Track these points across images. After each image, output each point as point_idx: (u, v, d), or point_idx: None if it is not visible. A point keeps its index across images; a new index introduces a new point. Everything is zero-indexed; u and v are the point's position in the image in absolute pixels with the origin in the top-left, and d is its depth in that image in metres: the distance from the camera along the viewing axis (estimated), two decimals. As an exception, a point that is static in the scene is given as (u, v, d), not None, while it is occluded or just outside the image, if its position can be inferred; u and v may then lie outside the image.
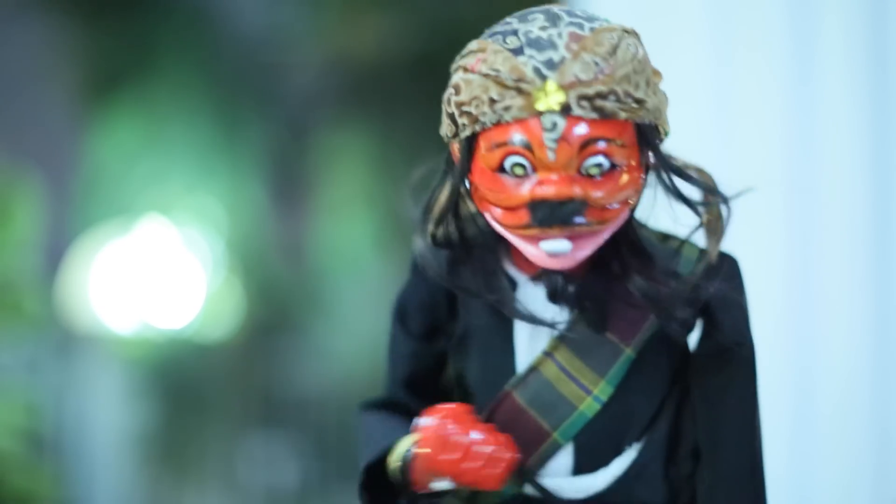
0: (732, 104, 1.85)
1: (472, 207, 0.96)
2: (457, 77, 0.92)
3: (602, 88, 0.87)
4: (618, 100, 0.88)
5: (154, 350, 3.35)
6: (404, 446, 0.96)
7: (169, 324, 3.35)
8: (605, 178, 0.89)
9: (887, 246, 1.80)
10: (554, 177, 0.88)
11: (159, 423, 3.38)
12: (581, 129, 0.87)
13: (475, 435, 0.91)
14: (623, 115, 0.88)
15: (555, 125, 0.87)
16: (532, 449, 0.96)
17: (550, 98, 0.87)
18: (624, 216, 0.92)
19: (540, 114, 0.87)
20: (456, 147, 0.94)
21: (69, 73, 3.36)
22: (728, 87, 1.85)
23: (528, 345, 0.98)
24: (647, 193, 0.95)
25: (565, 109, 0.87)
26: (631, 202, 0.92)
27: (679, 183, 0.95)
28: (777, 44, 1.82)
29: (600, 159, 0.88)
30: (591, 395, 0.96)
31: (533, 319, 0.95)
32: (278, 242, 3.50)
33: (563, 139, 0.87)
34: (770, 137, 1.83)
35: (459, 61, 0.93)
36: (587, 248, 0.91)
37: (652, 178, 0.94)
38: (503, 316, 0.98)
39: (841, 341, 1.80)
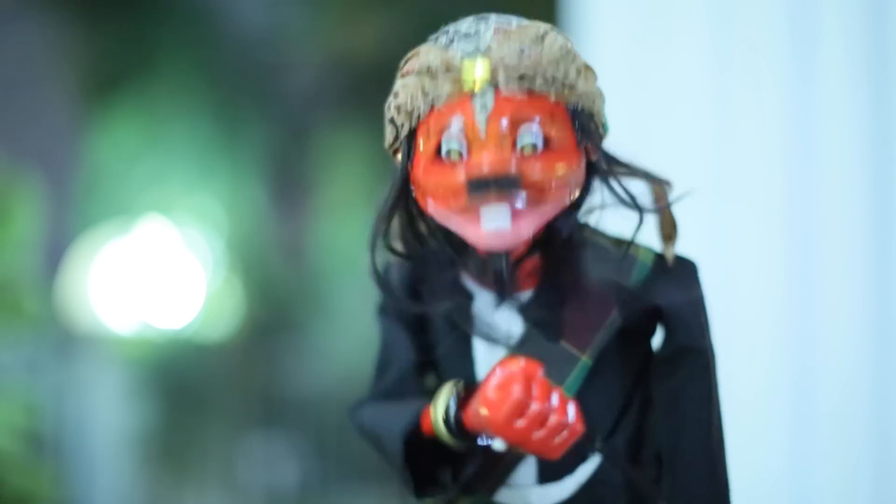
0: (732, 104, 1.85)
1: (419, 221, 0.97)
2: (396, 85, 0.94)
3: (529, 68, 0.90)
4: (545, 81, 0.90)
5: (154, 350, 3.35)
6: (442, 402, 0.94)
7: (169, 324, 3.35)
8: (541, 156, 0.90)
9: (887, 246, 1.80)
10: (487, 155, 0.89)
11: (159, 423, 3.38)
12: (510, 106, 0.90)
13: (551, 402, 0.88)
14: (552, 95, 0.90)
15: (484, 104, 0.90)
16: (496, 460, 0.96)
17: (477, 77, 0.90)
18: (563, 200, 0.92)
19: (470, 94, 0.90)
20: (398, 155, 0.95)
21: (69, 73, 3.36)
22: (728, 87, 1.85)
23: (487, 357, 0.98)
24: (596, 196, 0.95)
25: (493, 86, 0.90)
26: (570, 187, 0.92)
27: (625, 184, 0.95)
28: (777, 44, 1.82)
29: (533, 137, 0.90)
30: None
31: (488, 333, 0.96)
32: (278, 242, 3.50)
33: (493, 116, 0.89)
34: (770, 137, 1.83)
35: (399, 71, 0.95)
36: (526, 227, 0.91)
37: (598, 180, 0.95)
38: (462, 331, 0.98)
39: (841, 341, 1.80)
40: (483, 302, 0.97)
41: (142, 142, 3.38)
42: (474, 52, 0.91)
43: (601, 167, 0.95)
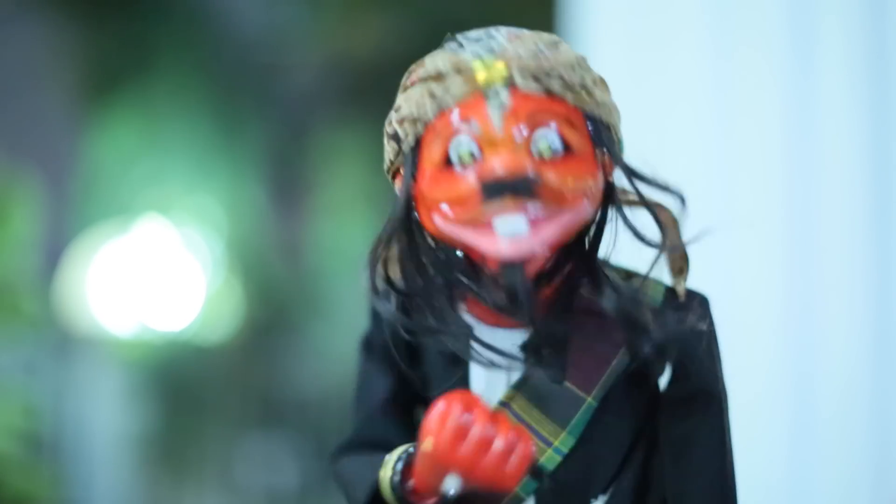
0: (732, 104, 1.85)
1: (424, 257, 0.90)
2: (398, 101, 0.89)
3: (545, 66, 0.84)
4: (563, 83, 0.85)
5: (153, 351, 3.34)
6: (394, 458, 0.89)
7: (168, 325, 3.34)
8: (558, 161, 0.84)
9: (888, 247, 1.80)
10: (502, 156, 0.83)
11: (158, 424, 3.38)
12: (528, 104, 0.84)
13: (492, 426, 0.82)
14: (570, 97, 0.85)
15: (501, 102, 0.84)
16: (493, 503, 0.89)
17: (492, 71, 0.84)
18: (581, 212, 0.85)
19: (485, 91, 0.84)
20: (400, 174, 0.88)
21: (68, 72, 3.36)
22: (727, 87, 1.85)
23: (484, 394, 0.90)
24: (609, 230, 0.89)
25: (508, 81, 0.84)
26: (588, 196, 0.85)
27: (637, 220, 0.89)
28: (776, 43, 1.82)
29: (550, 136, 0.84)
30: (551, 446, 0.90)
31: (488, 365, 0.88)
32: (277, 242, 3.50)
33: (509, 112, 0.84)
34: (770, 137, 1.82)
35: (400, 89, 0.89)
36: (544, 235, 0.83)
37: (612, 210, 0.89)
38: (458, 365, 0.92)
39: (841, 344, 1.79)
40: (483, 336, 0.90)
41: (141, 141, 3.38)
42: (488, 52, 0.85)
43: (617, 189, 0.89)
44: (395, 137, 0.88)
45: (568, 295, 0.90)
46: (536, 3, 2.50)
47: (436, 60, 0.87)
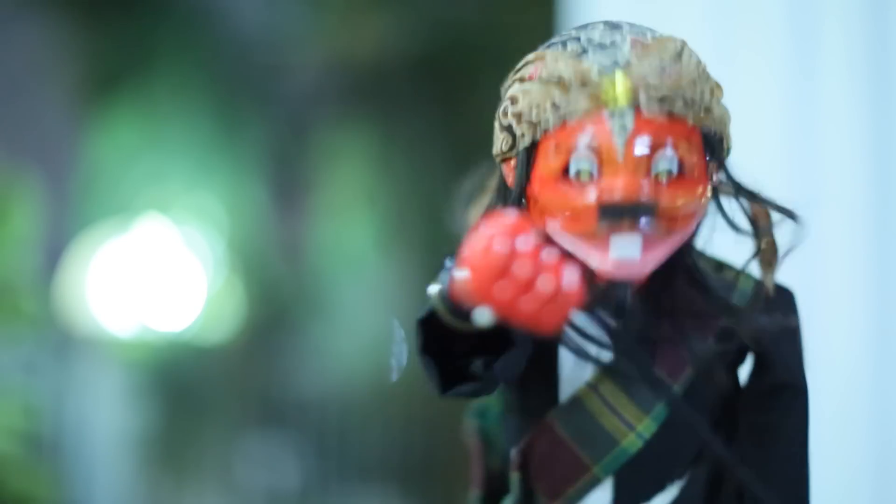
0: (732, 105, 1.85)
1: None
2: (513, 89, 0.88)
3: (670, 89, 0.84)
4: (685, 102, 0.85)
5: (153, 352, 3.34)
6: (444, 271, 0.83)
7: (168, 325, 3.34)
8: (674, 184, 0.85)
9: (888, 247, 1.80)
10: (623, 180, 0.84)
11: (158, 424, 3.38)
12: (650, 129, 0.84)
13: (537, 263, 0.73)
14: (691, 118, 0.85)
15: (623, 124, 0.84)
16: (570, 482, 0.92)
17: (620, 96, 0.84)
18: (690, 229, 0.88)
19: (608, 113, 0.84)
20: (512, 163, 0.89)
21: (68, 72, 3.36)
22: (728, 89, 1.85)
23: (572, 374, 0.93)
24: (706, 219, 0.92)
25: (634, 107, 0.84)
26: (697, 215, 0.88)
27: (734, 209, 0.92)
28: (777, 46, 1.82)
29: (670, 162, 0.85)
30: (634, 431, 0.92)
31: (579, 351, 0.91)
32: (278, 242, 3.49)
33: (632, 137, 0.84)
34: (770, 138, 1.82)
35: (515, 75, 0.89)
36: (653, 258, 0.86)
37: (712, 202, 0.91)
38: (548, 343, 0.92)
39: (842, 343, 1.79)
40: (575, 321, 0.91)
41: (141, 141, 3.38)
42: (613, 67, 0.85)
43: (724, 190, 0.91)
44: (510, 131, 0.88)
45: (662, 286, 0.91)
46: (537, 5, 2.50)
47: (559, 64, 0.86)
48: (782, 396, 0.94)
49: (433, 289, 0.83)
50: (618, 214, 0.83)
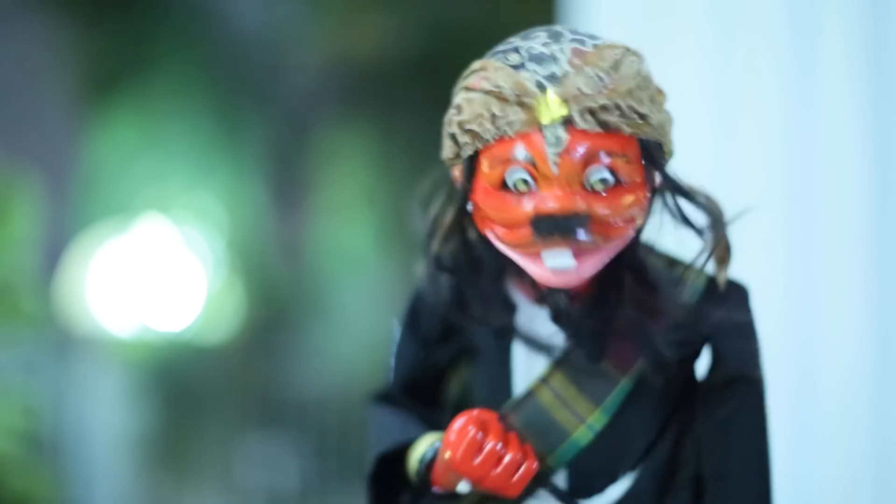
0: (733, 105, 1.85)
1: (472, 232, 0.95)
2: (459, 97, 0.91)
3: (605, 101, 0.86)
4: (621, 114, 0.87)
5: (153, 352, 3.34)
6: (425, 445, 0.97)
7: (168, 326, 3.34)
8: (610, 194, 0.87)
9: (888, 246, 1.80)
10: (557, 191, 0.86)
11: (158, 424, 3.38)
12: (584, 142, 0.86)
13: (503, 445, 0.92)
14: (627, 129, 0.87)
15: (557, 138, 0.86)
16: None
17: (553, 110, 0.86)
18: (629, 235, 0.90)
19: (542, 127, 0.86)
20: (457, 170, 0.92)
21: (68, 72, 3.35)
22: (728, 88, 1.85)
23: (526, 369, 0.98)
24: (654, 217, 0.93)
25: (568, 122, 0.86)
26: (636, 221, 0.90)
27: (685, 206, 0.94)
28: (777, 44, 1.82)
29: (604, 173, 0.87)
30: (584, 423, 0.95)
31: (531, 343, 0.95)
32: (278, 242, 3.49)
33: (565, 152, 0.86)
34: (770, 138, 1.82)
35: (462, 82, 0.92)
36: (591, 266, 0.89)
37: (658, 201, 0.93)
38: (504, 338, 0.98)
39: (842, 342, 1.79)
40: (528, 313, 0.97)
41: (141, 140, 3.37)
42: (549, 80, 0.87)
43: (663, 189, 0.93)
44: (454, 139, 0.91)
45: (611, 281, 0.94)
46: (536, 4, 2.50)
47: (499, 76, 0.88)
48: (736, 390, 0.96)
49: (415, 461, 0.98)
50: (551, 226, 0.86)
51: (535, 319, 0.96)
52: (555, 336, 0.95)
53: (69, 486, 3.14)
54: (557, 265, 0.88)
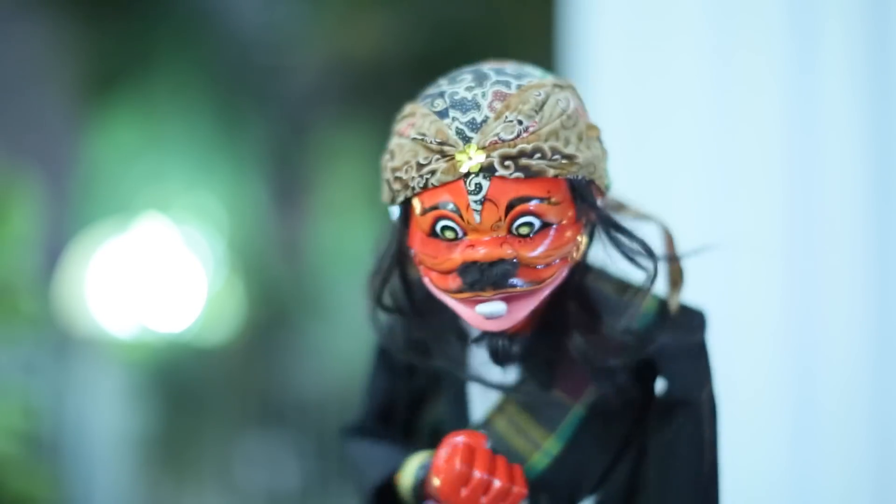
0: (733, 105, 1.85)
1: (415, 272, 0.95)
2: (392, 142, 0.91)
3: (526, 147, 0.85)
4: (543, 157, 0.86)
5: (153, 352, 3.34)
6: (415, 464, 0.97)
7: (168, 326, 3.34)
8: (538, 237, 0.87)
9: (888, 246, 1.80)
10: (484, 238, 0.86)
11: (158, 424, 3.37)
12: (505, 189, 0.86)
13: (490, 472, 0.91)
14: (551, 171, 0.86)
15: (479, 187, 0.86)
16: None
17: (473, 160, 0.86)
18: (562, 273, 0.89)
19: (464, 176, 0.86)
20: (395, 212, 0.92)
21: (68, 72, 3.35)
22: (728, 89, 1.85)
23: (482, 398, 0.98)
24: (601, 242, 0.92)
25: (488, 170, 0.86)
26: (570, 259, 0.89)
27: (621, 239, 0.92)
28: (777, 46, 1.82)
29: (530, 219, 0.87)
30: (540, 449, 0.95)
31: (481, 381, 0.95)
32: (278, 242, 3.49)
33: (488, 200, 0.86)
34: (770, 139, 1.82)
35: (395, 125, 0.92)
36: (524, 309, 0.89)
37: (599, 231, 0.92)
38: (456, 373, 0.98)
39: (842, 342, 1.79)
40: (479, 348, 0.96)
41: (141, 140, 3.37)
42: (471, 128, 0.86)
43: (601, 228, 0.92)
44: (389, 185, 0.91)
45: (558, 309, 0.93)
46: (537, 4, 2.50)
47: (424, 124, 0.88)
48: (677, 413, 0.94)
49: (407, 481, 0.98)
50: (478, 275, 0.86)
51: (485, 352, 0.95)
52: (507, 368, 0.95)
53: (69, 486, 3.14)
54: (488, 312, 0.88)
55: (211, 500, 3.40)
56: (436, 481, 0.92)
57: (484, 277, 0.86)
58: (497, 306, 0.88)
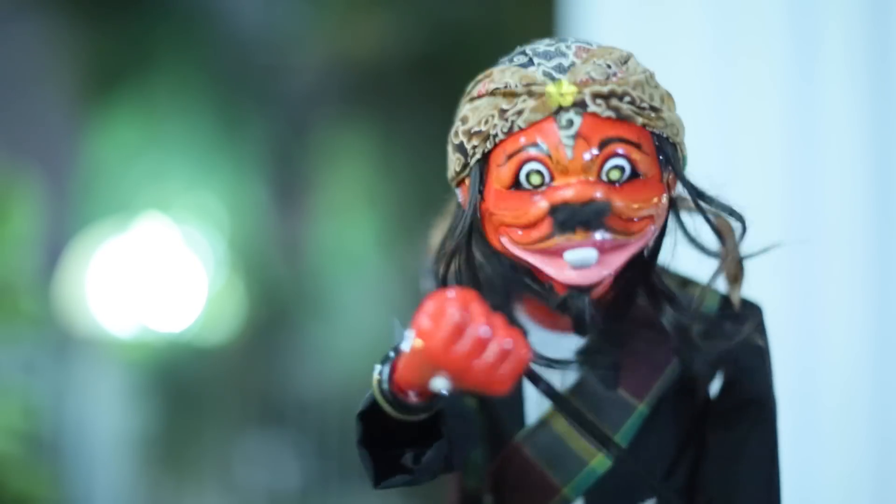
0: (734, 109, 1.85)
1: (479, 253, 0.90)
2: (464, 109, 0.88)
3: (616, 88, 0.83)
4: (633, 102, 0.84)
5: (153, 352, 3.34)
6: (380, 364, 0.84)
7: (169, 326, 3.34)
8: (627, 186, 0.84)
9: (888, 247, 1.80)
10: (573, 179, 0.83)
11: (158, 424, 3.37)
12: (599, 127, 0.83)
13: (488, 325, 0.75)
14: (640, 119, 0.84)
15: (571, 122, 0.83)
16: (541, 503, 0.92)
17: (564, 95, 0.83)
18: (647, 233, 0.86)
19: (554, 113, 0.83)
20: (465, 184, 0.88)
21: (68, 72, 3.35)
22: (729, 93, 1.85)
23: (539, 397, 0.93)
24: (667, 237, 0.90)
25: (580, 105, 0.83)
26: (655, 220, 0.86)
27: (707, 215, 0.90)
28: (778, 49, 1.82)
29: (621, 161, 0.83)
30: (601, 451, 0.92)
31: (546, 362, 0.89)
32: (279, 242, 3.49)
33: (580, 136, 0.83)
34: (771, 142, 1.82)
35: (465, 97, 0.89)
36: (612, 263, 0.84)
37: (671, 216, 0.90)
38: None
39: (842, 342, 1.79)
40: (538, 339, 0.91)
41: (141, 140, 3.37)
42: (558, 70, 0.84)
43: (682, 200, 0.89)
44: (462, 149, 0.87)
45: (624, 303, 0.91)
46: (537, 5, 2.50)
47: (505, 76, 0.85)
48: (748, 413, 0.93)
49: (374, 386, 0.83)
50: (570, 216, 0.82)
51: (545, 345, 0.91)
52: (566, 363, 0.91)
53: (69, 486, 3.14)
54: (579, 259, 0.83)
55: (211, 499, 3.40)
56: (418, 343, 0.76)
57: (576, 217, 0.82)
58: (588, 252, 0.83)
